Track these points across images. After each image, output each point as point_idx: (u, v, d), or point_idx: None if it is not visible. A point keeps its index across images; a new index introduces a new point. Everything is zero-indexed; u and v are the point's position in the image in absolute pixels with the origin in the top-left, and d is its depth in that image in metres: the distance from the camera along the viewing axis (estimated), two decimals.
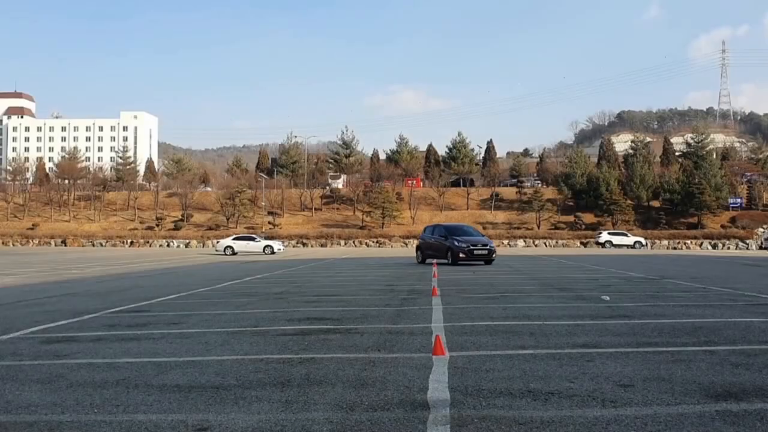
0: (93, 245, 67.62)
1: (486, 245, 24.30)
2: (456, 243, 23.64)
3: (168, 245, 67.32)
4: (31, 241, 70.61)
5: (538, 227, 70.08)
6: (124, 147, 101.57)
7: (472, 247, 23.67)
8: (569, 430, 3.75)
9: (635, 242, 59.71)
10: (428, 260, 25.42)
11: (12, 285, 15.88)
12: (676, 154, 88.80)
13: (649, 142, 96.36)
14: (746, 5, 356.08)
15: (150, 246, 66.66)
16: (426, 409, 4.19)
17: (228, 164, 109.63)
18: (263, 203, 73.92)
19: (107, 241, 68.82)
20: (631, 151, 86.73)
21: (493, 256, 24.23)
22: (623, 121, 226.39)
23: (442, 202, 75.91)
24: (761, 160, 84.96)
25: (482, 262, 23.86)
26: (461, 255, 23.29)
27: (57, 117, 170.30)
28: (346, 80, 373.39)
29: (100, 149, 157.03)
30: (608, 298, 11.29)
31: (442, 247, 24.35)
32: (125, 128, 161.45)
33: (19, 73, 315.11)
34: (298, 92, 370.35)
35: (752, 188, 74.27)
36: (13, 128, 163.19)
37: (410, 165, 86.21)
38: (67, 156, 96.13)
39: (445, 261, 23.80)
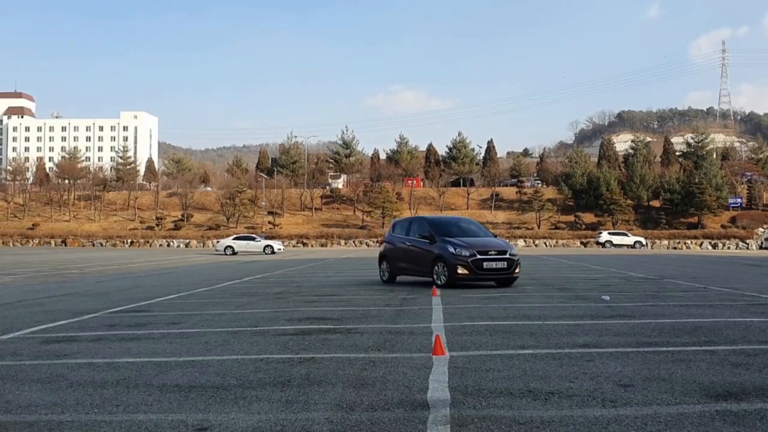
0: (93, 245, 67.62)
1: (504, 252, 13.97)
2: (451, 249, 13.70)
3: (168, 245, 67.32)
4: (31, 241, 70.62)
5: (539, 227, 70.09)
6: (124, 147, 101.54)
7: (480, 257, 13.53)
8: (569, 430, 3.75)
9: (635, 242, 59.72)
10: (402, 277, 15.90)
11: (12, 285, 15.88)
12: (677, 154, 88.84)
13: (649, 142, 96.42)
14: (746, 5, 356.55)
15: (150, 246, 66.66)
16: (426, 409, 4.19)
17: (228, 164, 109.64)
18: (263, 203, 73.91)
19: (107, 241, 68.83)
20: (631, 151, 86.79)
21: (517, 271, 14.22)
22: (623, 121, 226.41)
23: (442, 202, 75.92)
24: (761, 160, 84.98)
25: (494, 283, 14.30)
26: (460, 270, 13.47)
27: (57, 117, 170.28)
28: (346, 80, 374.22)
29: (100, 149, 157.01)
30: (608, 298, 11.30)
31: (425, 255, 14.36)
32: (125, 128, 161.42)
33: (19, 73, 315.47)
34: (298, 92, 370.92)
35: (752, 188, 74.31)
36: (13, 128, 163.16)
37: (410, 165, 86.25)
38: (67, 156, 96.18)
39: (429, 279, 14.32)
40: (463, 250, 13.55)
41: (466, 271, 13.44)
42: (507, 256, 13.87)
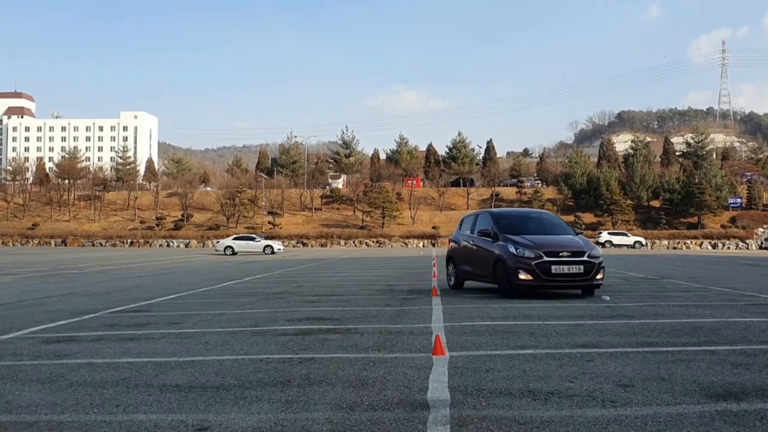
0: (93, 245, 67.62)
1: (581, 254, 11.21)
2: (512, 248, 11.26)
3: (168, 245, 67.32)
4: (31, 241, 70.63)
5: None
6: (124, 147, 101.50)
7: (548, 259, 10.94)
8: (569, 430, 3.75)
9: (635, 242, 59.73)
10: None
11: (12, 285, 15.87)
12: (676, 154, 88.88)
13: (649, 142, 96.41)
14: (746, 6, 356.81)
15: (150, 246, 66.65)
16: (426, 409, 4.19)
17: (228, 164, 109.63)
18: (263, 203, 73.91)
19: (107, 241, 68.83)
20: (631, 151, 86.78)
21: (599, 277, 11.36)
22: (623, 121, 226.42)
23: (442, 202, 75.90)
24: (761, 160, 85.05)
25: (573, 290, 11.87)
26: (522, 276, 10.98)
27: (57, 117, 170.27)
28: (346, 80, 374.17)
29: (100, 149, 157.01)
30: (608, 298, 11.29)
31: (487, 256, 12.04)
32: (125, 128, 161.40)
33: (19, 73, 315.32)
34: (299, 92, 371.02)
35: (752, 188, 74.32)
36: (13, 128, 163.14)
37: (410, 165, 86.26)
38: (67, 156, 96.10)
39: (494, 286, 12.19)
40: (527, 251, 11.03)
41: (529, 277, 10.90)
42: (585, 258, 11.09)
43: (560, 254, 11.09)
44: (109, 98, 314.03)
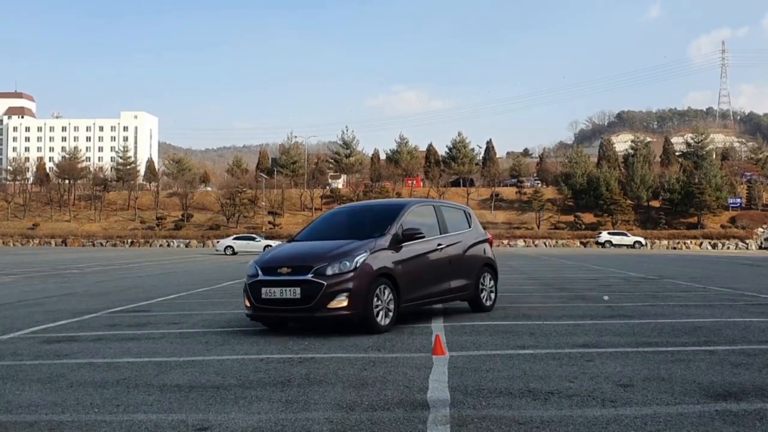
0: (93, 245, 67.63)
1: (307, 269, 7.28)
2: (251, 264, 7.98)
3: (168, 245, 67.33)
4: (31, 241, 70.66)
5: (538, 227, 70.09)
6: (124, 147, 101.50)
7: (263, 278, 7.47)
8: (569, 430, 3.75)
9: (635, 242, 59.74)
10: None
11: (12, 285, 15.87)
12: (676, 154, 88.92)
13: (649, 142, 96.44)
14: (746, 5, 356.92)
15: (150, 246, 66.67)
16: (426, 409, 4.19)
17: (228, 164, 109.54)
18: (263, 203, 73.92)
19: (107, 241, 68.86)
20: (631, 151, 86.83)
21: (332, 305, 7.13)
22: (623, 121, 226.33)
23: None
24: (761, 160, 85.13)
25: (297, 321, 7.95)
26: (245, 300, 7.74)
27: (57, 117, 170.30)
28: (346, 80, 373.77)
29: (100, 149, 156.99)
30: (608, 298, 11.31)
31: None
32: (125, 128, 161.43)
33: (19, 73, 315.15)
34: (299, 92, 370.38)
35: (752, 188, 74.36)
36: (13, 128, 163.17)
37: (410, 165, 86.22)
38: (67, 156, 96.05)
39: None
40: (252, 267, 7.86)
41: (246, 302, 7.78)
42: (307, 277, 7.26)
43: (278, 270, 7.53)
44: (109, 98, 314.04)
